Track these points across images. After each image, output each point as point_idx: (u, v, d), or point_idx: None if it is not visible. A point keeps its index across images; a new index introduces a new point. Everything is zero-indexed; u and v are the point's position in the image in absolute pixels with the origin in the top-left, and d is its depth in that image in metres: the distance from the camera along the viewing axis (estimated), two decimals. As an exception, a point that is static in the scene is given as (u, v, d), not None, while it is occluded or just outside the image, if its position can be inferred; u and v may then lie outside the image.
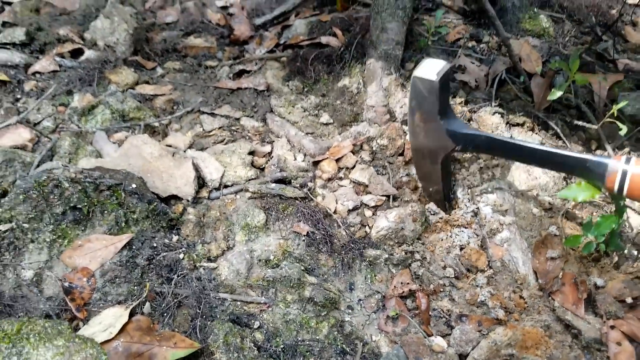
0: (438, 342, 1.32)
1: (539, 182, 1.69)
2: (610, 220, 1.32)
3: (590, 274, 1.47)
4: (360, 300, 1.42)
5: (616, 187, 1.18)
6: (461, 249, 1.55)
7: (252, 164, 1.77)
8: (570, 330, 1.33)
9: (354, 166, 1.77)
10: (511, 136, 1.81)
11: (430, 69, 1.36)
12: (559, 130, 1.85)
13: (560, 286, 1.42)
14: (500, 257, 1.51)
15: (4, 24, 2.35)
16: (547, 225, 1.61)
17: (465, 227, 1.59)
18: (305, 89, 2.13)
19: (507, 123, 1.88)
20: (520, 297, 1.42)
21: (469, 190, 1.66)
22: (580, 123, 1.80)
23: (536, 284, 1.46)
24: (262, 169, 1.77)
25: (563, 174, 1.69)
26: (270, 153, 1.83)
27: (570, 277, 1.43)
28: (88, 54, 2.16)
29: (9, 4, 2.52)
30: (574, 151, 1.48)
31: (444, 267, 1.50)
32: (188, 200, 1.61)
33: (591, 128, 1.81)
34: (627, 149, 1.81)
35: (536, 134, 1.86)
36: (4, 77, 1.98)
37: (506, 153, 1.45)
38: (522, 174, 1.70)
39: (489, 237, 1.55)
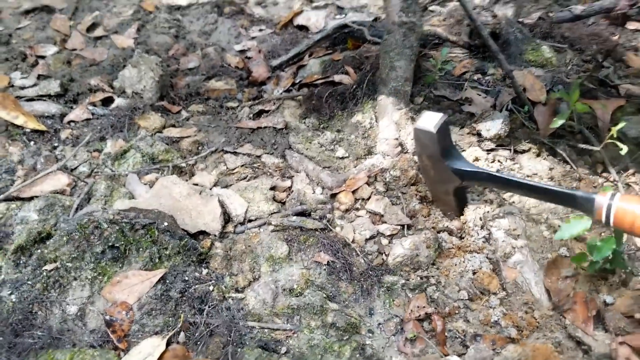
0: (454, 361, 1.40)
1: (548, 205, 1.78)
2: (609, 243, 1.42)
3: (600, 292, 1.54)
4: (379, 324, 1.51)
5: (604, 220, 1.32)
6: (474, 273, 1.63)
7: (274, 199, 1.88)
8: (580, 347, 1.40)
9: (369, 197, 1.87)
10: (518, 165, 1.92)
11: (429, 121, 1.57)
12: (565, 156, 1.94)
13: (571, 305, 1.49)
14: (513, 279, 1.59)
15: (39, 76, 2.53)
16: (557, 247, 1.69)
17: (477, 252, 1.67)
18: (321, 126, 2.25)
19: (515, 151, 1.98)
20: (533, 316, 1.49)
21: (482, 216, 1.75)
22: (584, 146, 1.89)
23: (549, 304, 1.53)
24: (283, 203, 1.89)
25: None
26: (290, 187, 1.95)
27: (582, 296, 1.50)
28: (118, 101, 2.33)
29: (43, 57, 2.72)
30: (565, 187, 1.72)
31: (458, 290, 1.58)
32: (215, 235, 1.73)
33: (596, 151, 1.90)
34: (631, 170, 1.89)
35: (544, 159, 1.95)
36: (42, 127, 2.14)
37: (506, 187, 1.63)
38: (531, 199, 1.79)
39: (502, 260, 1.63)
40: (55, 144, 2.11)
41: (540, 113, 2.05)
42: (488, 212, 1.74)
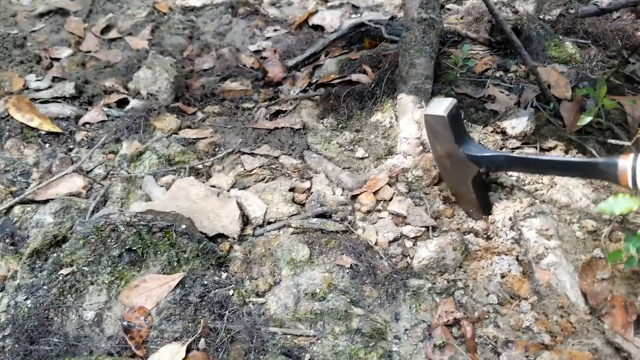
0: (486, 368, 1.33)
1: (579, 204, 1.71)
2: None
3: (639, 295, 1.47)
4: (406, 330, 1.45)
5: (630, 183, 1.25)
6: (502, 276, 1.57)
7: (293, 200, 1.83)
8: (620, 354, 1.34)
9: (391, 198, 1.82)
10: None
11: (439, 106, 1.55)
12: (595, 153, 1.87)
13: (609, 309, 1.43)
14: (547, 281, 1.52)
15: (54, 79, 2.51)
16: (590, 248, 1.62)
17: (506, 254, 1.61)
18: (340, 126, 2.20)
19: (541, 148, 1.92)
20: (568, 321, 1.43)
21: (512, 216, 1.69)
22: (614, 142, 1.81)
23: (585, 308, 1.46)
24: (303, 205, 1.84)
25: (603, 196, 1.72)
26: (309, 189, 1.90)
27: (620, 299, 1.43)
28: (133, 103, 2.29)
29: (57, 59, 2.69)
30: (585, 158, 1.67)
31: (487, 294, 1.52)
32: (234, 238, 1.68)
33: (626, 148, 1.82)
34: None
35: (573, 157, 1.88)
36: (57, 129, 2.11)
37: (525, 167, 1.56)
38: (562, 197, 1.72)
39: (534, 261, 1.57)
40: (71, 146, 2.09)
41: (567, 109, 1.98)
42: (518, 211, 1.67)
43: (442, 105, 1.54)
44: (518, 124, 1.93)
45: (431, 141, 1.70)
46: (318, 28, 3.25)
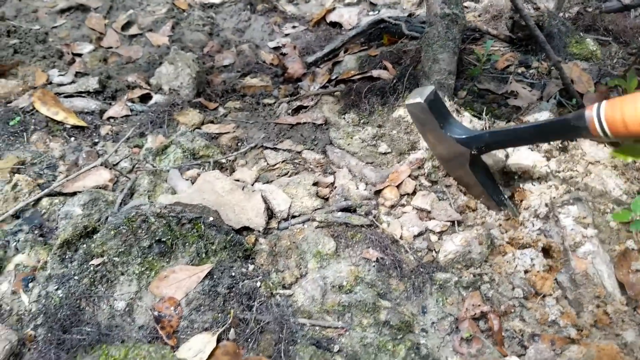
0: (514, 361, 1.34)
1: (613, 194, 1.70)
2: None
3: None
4: (433, 323, 1.45)
5: (600, 132, 1.26)
6: (526, 272, 1.57)
7: (317, 194, 1.84)
8: (653, 346, 1.34)
9: (414, 192, 1.82)
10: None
11: (417, 95, 1.60)
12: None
13: (646, 299, 1.43)
14: (583, 270, 1.52)
15: (77, 74, 2.53)
16: (624, 239, 1.60)
17: (529, 247, 1.60)
18: (362, 121, 2.21)
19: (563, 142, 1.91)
20: (605, 311, 1.42)
21: (549, 202, 1.68)
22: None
23: (622, 298, 1.45)
24: (327, 199, 1.84)
25: (635, 188, 1.71)
26: (333, 183, 1.90)
27: (657, 290, 1.43)
28: (156, 98, 2.31)
29: (79, 55, 2.72)
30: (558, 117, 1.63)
31: (513, 288, 1.52)
32: (259, 231, 1.69)
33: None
34: None
35: (602, 145, 1.87)
36: (82, 123, 2.13)
37: (510, 141, 1.57)
38: (597, 186, 1.71)
39: (571, 249, 1.56)
40: (96, 140, 2.11)
41: (590, 100, 1.98)
42: (555, 197, 1.67)
43: (421, 94, 1.59)
44: (540, 117, 1.93)
45: (421, 132, 1.76)
46: (336, 25, 3.25)
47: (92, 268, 1.45)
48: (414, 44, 2.55)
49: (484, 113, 1.98)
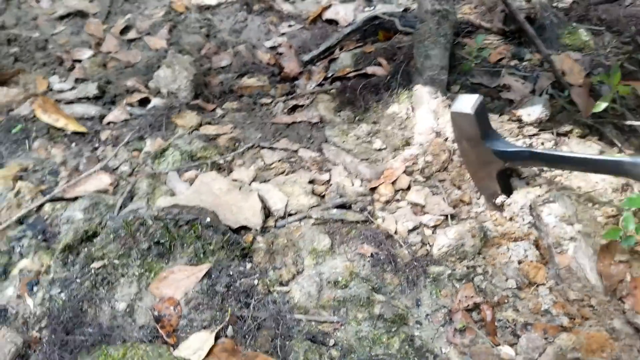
0: (506, 350, 1.37)
1: (597, 188, 1.72)
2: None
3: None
4: (427, 315, 1.49)
5: None
6: (519, 262, 1.59)
7: (313, 192, 1.87)
8: (639, 333, 1.36)
9: (408, 187, 1.85)
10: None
11: (466, 103, 1.57)
12: (612, 137, 1.88)
13: (631, 290, 1.45)
14: (567, 265, 1.55)
15: (77, 80, 2.58)
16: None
17: (522, 240, 1.63)
18: (357, 118, 2.24)
19: (557, 134, 1.93)
20: (588, 304, 1.45)
21: (532, 201, 1.71)
22: (629, 123, 1.82)
23: (605, 290, 1.48)
24: (323, 196, 1.88)
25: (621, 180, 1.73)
26: (328, 181, 1.94)
27: (642, 281, 1.46)
28: (154, 101, 2.35)
29: (79, 61, 2.76)
30: (610, 155, 1.68)
31: (506, 279, 1.55)
32: (257, 230, 1.73)
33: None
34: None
35: (593, 142, 1.90)
36: (83, 129, 2.18)
37: (550, 163, 1.60)
38: (580, 182, 1.74)
39: (554, 246, 1.59)
40: (96, 145, 2.15)
41: (578, 94, 2.00)
42: (538, 196, 1.69)
43: (468, 102, 1.56)
44: (533, 111, 1.95)
45: (457, 137, 1.73)
46: (332, 22, 3.27)
47: (93, 271, 1.50)
48: (408, 39, 2.57)
49: (476, 107, 2.00)
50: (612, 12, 2.62)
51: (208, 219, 1.63)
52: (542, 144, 1.89)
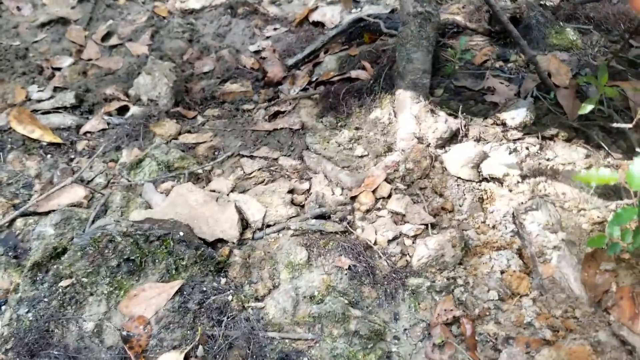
0: (486, 367, 1.32)
1: (582, 195, 1.68)
2: (630, 212, 1.30)
3: (644, 286, 1.44)
4: (405, 329, 1.44)
5: None
6: (502, 272, 1.55)
7: (292, 202, 1.83)
8: (624, 347, 1.31)
9: (389, 196, 1.80)
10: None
11: None
12: (599, 140, 1.83)
13: (617, 301, 1.40)
14: (550, 275, 1.50)
15: (55, 89, 2.53)
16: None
17: (505, 249, 1.59)
18: (339, 124, 2.19)
19: (543, 137, 1.88)
20: (573, 315, 1.40)
21: (512, 208, 1.66)
22: (615, 125, 1.77)
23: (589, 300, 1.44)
24: (302, 206, 1.83)
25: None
26: (309, 190, 1.89)
27: (628, 291, 1.41)
28: (133, 110, 2.30)
29: (59, 69, 2.72)
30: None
31: (488, 290, 1.51)
32: (234, 243, 1.68)
33: (630, 135, 1.79)
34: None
35: (579, 146, 1.85)
36: (58, 140, 2.13)
37: None
38: (564, 188, 1.69)
39: (537, 255, 1.54)
40: (72, 156, 2.10)
41: (564, 97, 1.95)
42: (521, 203, 1.64)
43: None
44: (517, 115, 1.90)
45: None
46: (318, 24, 3.22)
47: (61, 290, 1.45)
48: (393, 42, 2.52)
49: (459, 111, 1.95)
50: (601, 10, 2.57)
51: (181, 233, 1.58)
52: (527, 148, 1.84)
